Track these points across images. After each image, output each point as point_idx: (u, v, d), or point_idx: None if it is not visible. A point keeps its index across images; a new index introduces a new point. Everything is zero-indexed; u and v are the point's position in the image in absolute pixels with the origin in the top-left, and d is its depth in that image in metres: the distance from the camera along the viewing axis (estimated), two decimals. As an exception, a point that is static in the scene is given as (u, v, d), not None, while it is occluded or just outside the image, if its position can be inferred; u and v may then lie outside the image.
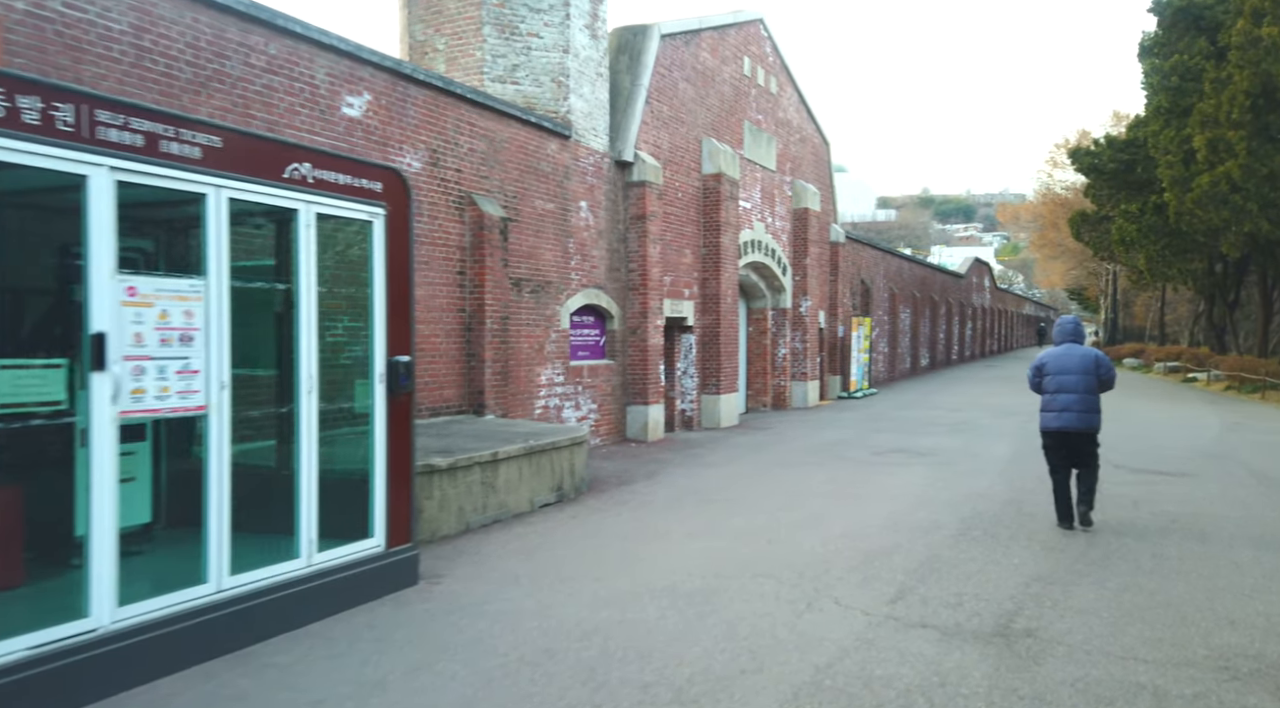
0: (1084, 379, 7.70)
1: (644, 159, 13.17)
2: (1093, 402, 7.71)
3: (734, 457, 11.99)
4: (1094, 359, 7.76)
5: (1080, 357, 7.77)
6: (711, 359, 15.72)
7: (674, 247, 14.59)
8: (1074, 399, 7.67)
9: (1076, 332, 7.95)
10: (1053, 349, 8.01)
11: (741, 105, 17.17)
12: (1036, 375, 8.02)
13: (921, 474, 10.51)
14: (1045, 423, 7.84)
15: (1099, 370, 7.74)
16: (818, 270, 21.12)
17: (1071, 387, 7.69)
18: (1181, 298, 46.59)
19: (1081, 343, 7.98)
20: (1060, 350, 7.91)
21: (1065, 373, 7.76)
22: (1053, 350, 7.98)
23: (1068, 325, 8.01)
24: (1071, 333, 7.96)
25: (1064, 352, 7.87)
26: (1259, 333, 31.47)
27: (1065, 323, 8.05)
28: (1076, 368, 7.73)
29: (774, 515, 7.93)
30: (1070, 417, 7.66)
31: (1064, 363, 7.79)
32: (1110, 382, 7.78)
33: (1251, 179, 20.15)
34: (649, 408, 13.29)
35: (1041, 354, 8.04)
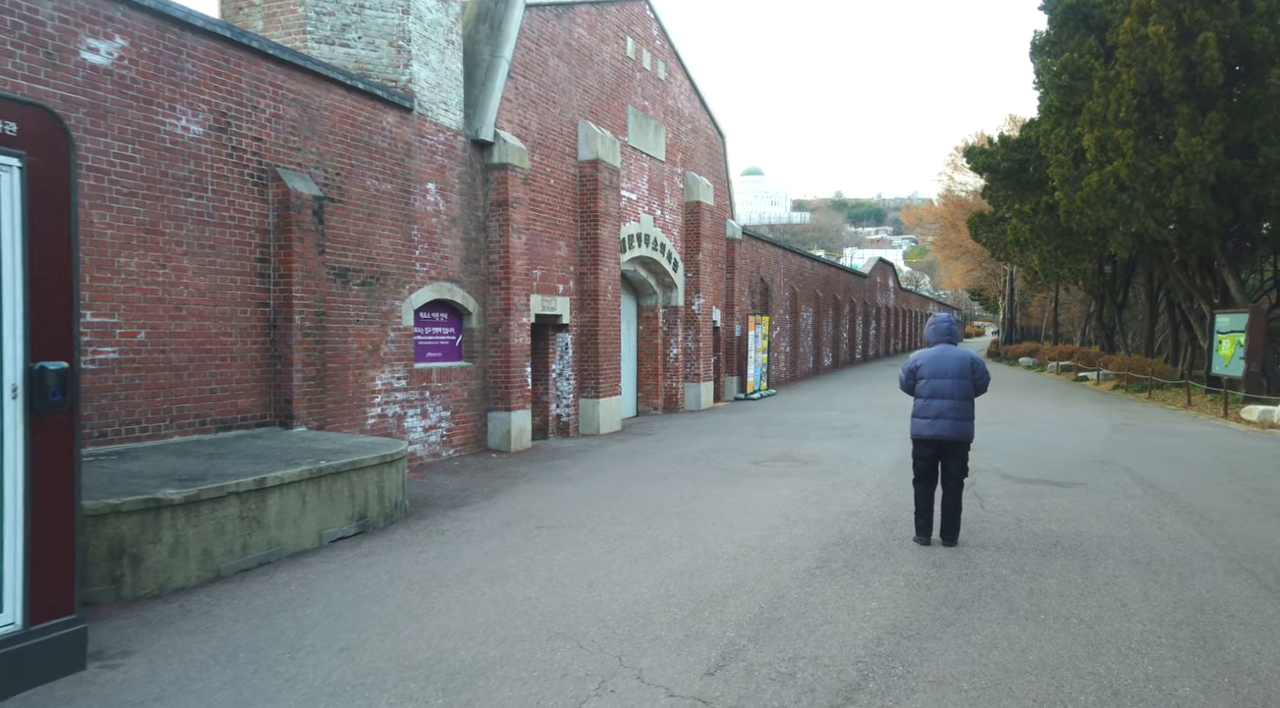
0: (959, 384, 6.86)
1: (506, 139, 11.89)
2: (967, 409, 6.90)
3: (599, 469, 10.84)
4: (969, 363, 6.94)
5: (956, 360, 6.92)
6: (590, 360, 14.55)
7: (545, 238, 13.36)
8: (949, 406, 6.84)
9: (950, 332, 7.10)
10: (927, 350, 7.15)
11: (625, 89, 16.06)
12: (910, 378, 7.15)
13: (797, 487, 9.57)
14: (917, 430, 7.00)
15: (974, 375, 6.93)
16: (712, 267, 20.21)
17: (946, 392, 6.85)
18: (1074, 298, 47.97)
19: (956, 343, 7.14)
20: (935, 352, 7.05)
21: (940, 377, 6.90)
22: (927, 352, 7.12)
23: (942, 325, 7.15)
24: (945, 333, 7.11)
25: (939, 353, 7.02)
26: (1145, 333, 32.27)
27: (939, 322, 7.18)
28: (952, 372, 6.88)
29: (611, 546, 6.80)
30: (945, 424, 6.83)
31: (939, 366, 6.94)
32: (984, 386, 7.02)
33: (1138, 179, 20.16)
34: (512, 414, 12.02)
35: (915, 355, 7.18)
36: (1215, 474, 10.68)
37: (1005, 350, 47.16)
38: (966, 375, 6.90)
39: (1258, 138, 19.61)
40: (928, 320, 7.54)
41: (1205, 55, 19.26)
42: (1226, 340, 21.09)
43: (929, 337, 7.20)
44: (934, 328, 7.16)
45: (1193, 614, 5.24)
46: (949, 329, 7.12)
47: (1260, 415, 17.42)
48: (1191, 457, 12.23)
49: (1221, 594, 5.66)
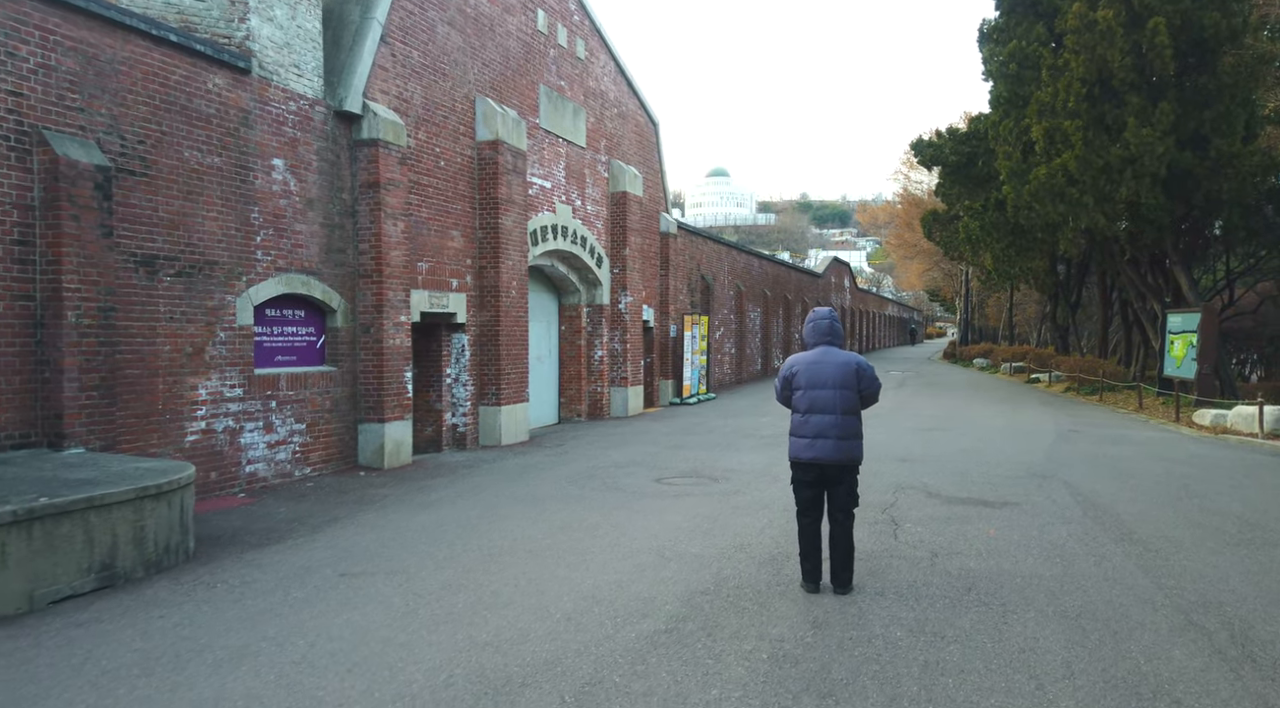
0: (842, 396, 5.62)
1: (376, 112, 10.45)
2: (853, 425, 5.68)
3: (474, 489, 9.46)
4: (854, 369, 5.70)
5: (838, 366, 5.67)
6: (491, 364, 13.15)
7: (434, 227, 11.94)
8: (830, 422, 5.60)
9: (831, 331, 5.85)
10: (804, 355, 5.89)
11: (535, 66, 14.68)
12: (784, 389, 5.89)
13: (693, 511, 8.27)
14: (795, 451, 5.75)
15: (860, 384, 5.69)
16: (641, 262, 18.90)
17: (827, 405, 5.61)
18: (1030, 298, 47.50)
19: (840, 345, 5.88)
20: (814, 357, 5.79)
21: (819, 387, 5.65)
22: (804, 357, 5.86)
23: (821, 323, 5.89)
24: (826, 332, 5.85)
25: (818, 358, 5.77)
26: (1099, 333, 31.63)
27: (819, 319, 5.92)
28: (833, 380, 5.63)
29: (420, 603, 5.43)
30: (826, 445, 5.60)
31: (818, 373, 5.69)
32: (873, 397, 5.80)
33: (1087, 172, 19.24)
34: (386, 426, 10.59)
35: (791, 360, 5.92)
36: (1164, 491, 9.59)
37: (960, 352, 46.52)
38: (850, 385, 5.65)
39: (1209, 129, 18.79)
40: (806, 317, 6.22)
41: (1155, 41, 18.38)
42: (1178, 341, 20.28)
43: (807, 337, 5.94)
44: (813, 326, 5.89)
45: (1126, 700, 4.01)
46: (830, 328, 5.86)
47: (1213, 420, 16.54)
48: (1139, 469, 11.16)
49: (1164, 664, 4.45)
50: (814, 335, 5.86)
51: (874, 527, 7.65)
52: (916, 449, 12.82)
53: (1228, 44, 18.49)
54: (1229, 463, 11.81)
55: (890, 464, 11.40)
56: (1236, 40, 18.46)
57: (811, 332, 5.89)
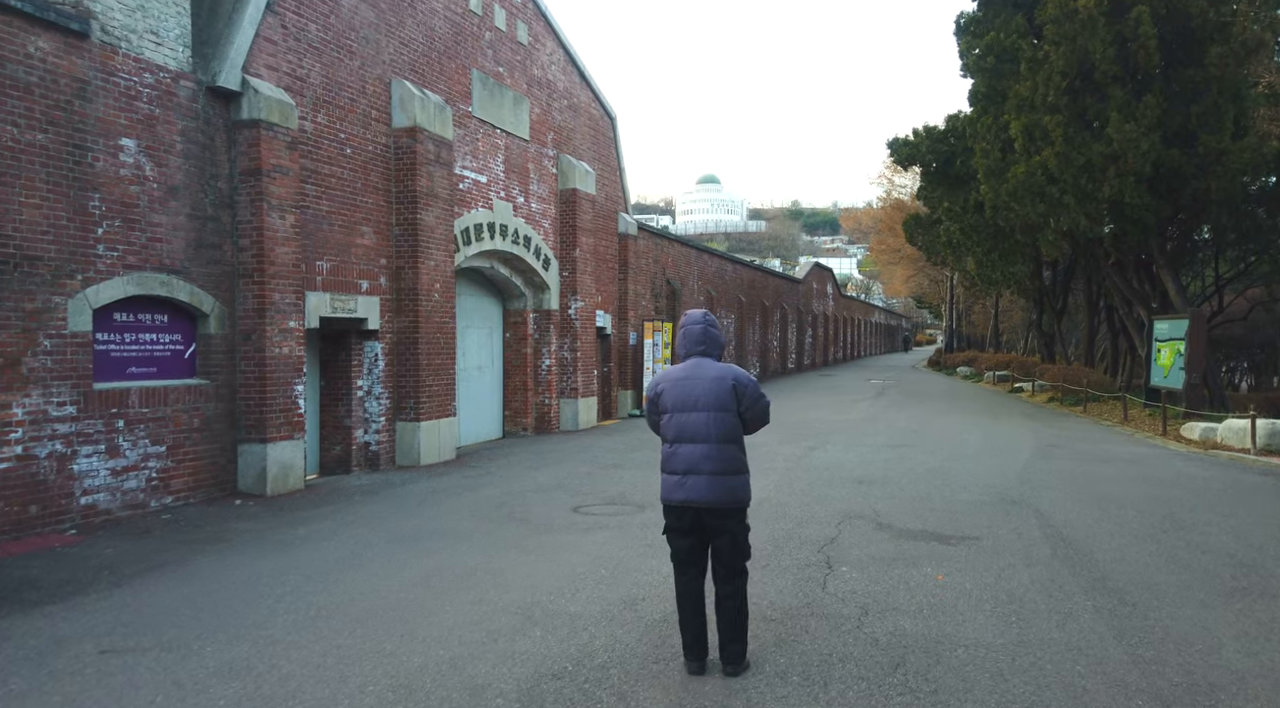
0: (717, 420, 4.42)
1: (259, 89, 9.21)
2: (733, 457, 4.47)
3: (352, 524, 8.21)
4: (730, 386, 4.49)
5: (711, 382, 4.47)
6: (409, 375, 11.90)
7: (338, 222, 10.70)
8: (703, 453, 4.41)
9: (706, 338, 4.63)
10: (673, 369, 4.67)
11: (467, 49, 13.47)
12: (652, 412, 4.70)
13: (595, 552, 7.05)
14: (666, 491, 4.53)
15: (740, 403, 4.49)
16: (594, 265, 17.69)
17: (698, 431, 4.42)
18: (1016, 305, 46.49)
19: (718, 355, 4.67)
20: (683, 371, 4.59)
21: (689, 409, 4.46)
22: (673, 371, 4.65)
23: (693, 329, 4.67)
24: (698, 340, 4.64)
25: (688, 373, 4.57)
26: (1085, 341, 30.57)
27: (691, 324, 4.69)
28: (706, 401, 4.44)
29: (177, 696, 4.18)
30: (699, 483, 4.39)
31: (687, 392, 4.50)
32: (759, 418, 4.58)
33: (1068, 169, 18.13)
34: (269, 447, 9.31)
35: (657, 377, 4.69)
36: (1147, 521, 8.40)
37: (945, 359, 45.46)
38: (727, 406, 4.45)
39: (1197, 124, 17.70)
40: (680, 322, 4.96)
41: (1139, 31, 17.32)
42: (1166, 349, 19.17)
43: (678, 348, 4.72)
44: (684, 334, 4.68)
45: None
46: (704, 335, 4.63)
47: (1202, 434, 15.41)
48: (1121, 493, 9.99)
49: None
50: (684, 345, 4.65)
51: (802, 572, 6.44)
52: (877, 470, 11.63)
53: (1216, 34, 17.43)
54: (1220, 485, 10.64)
55: (844, 487, 10.20)
56: (1224, 30, 17.40)
57: (683, 339, 4.68)
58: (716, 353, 4.65)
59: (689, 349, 4.64)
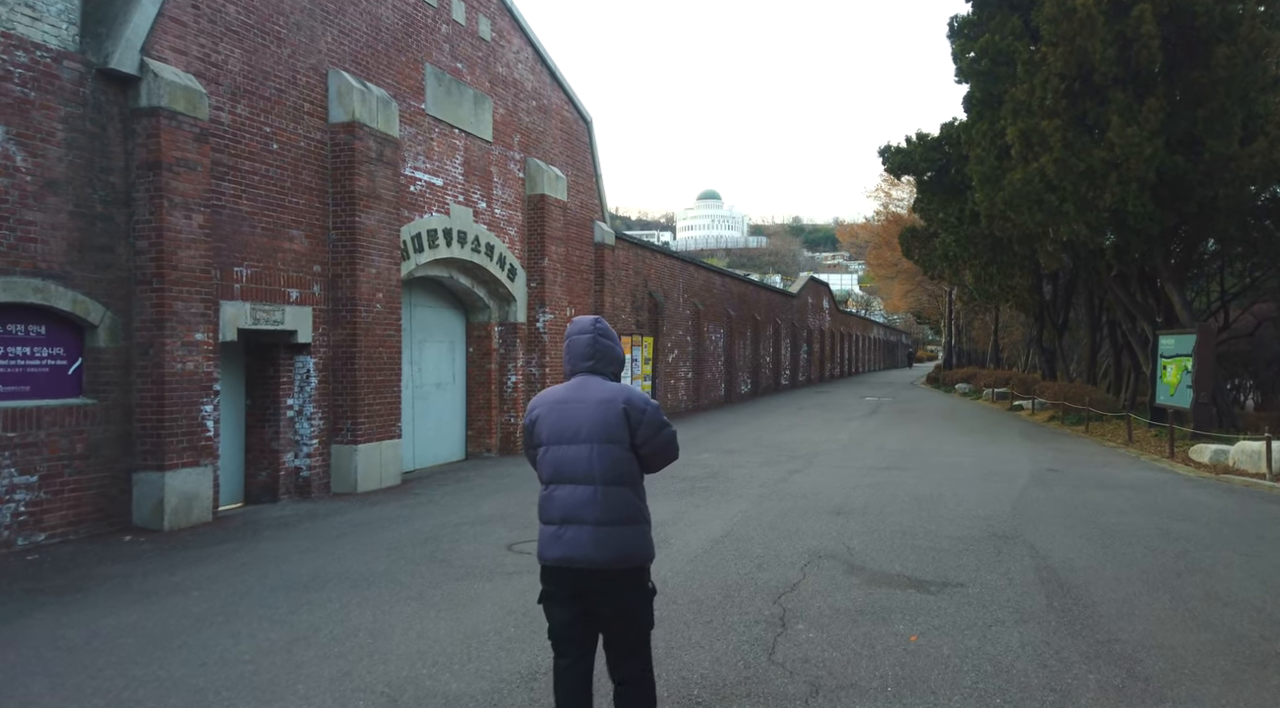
0: (603, 455, 3.42)
1: (160, 74, 8.25)
2: (625, 502, 3.45)
3: (244, 567, 7.17)
4: (620, 411, 3.48)
5: (597, 406, 3.47)
6: (346, 393, 10.87)
7: (262, 223, 9.72)
8: (585, 497, 3.41)
9: (595, 351, 3.62)
10: (552, 391, 3.66)
11: (420, 42, 12.55)
12: (528, 444, 3.68)
13: (510, 604, 6.01)
14: (540, 547, 3.51)
15: (635, 433, 3.48)
16: (565, 275, 16.71)
17: (579, 469, 3.44)
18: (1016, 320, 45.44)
19: (613, 373, 3.67)
20: (563, 392, 3.59)
21: (567, 440, 3.48)
22: (550, 393, 3.64)
23: (580, 341, 3.64)
24: (585, 353, 3.63)
25: (569, 394, 3.57)
26: (1087, 357, 29.52)
27: (577, 334, 3.67)
28: (590, 430, 3.45)
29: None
30: (580, 537, 3.39)
31: (566, 419, 3.50)
32: (661, 451, 3.57)
33: (1068, 176, 17.17)
34: (168, 476, 8.27)
35: (535, 400, 3.68)
36: (1158, 562, 7.35)
37: (944, 376, 44.38)
38: (617, 437, 3.44)
39: (1203, 129, 16.74)
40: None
41: (1141, 31, 16.40)
42: (1171, 366, 18.13)
43: (566, 361, 3.70)
44: (569, 346, 3.66)
45: None
46: (592, 347, 3.60)
47: (1212, 457, 14.33)
48: (1127, 526, 8.93)
49: None
50: (572, 357, 3.64)
51: (749, 631, 5.39)
52: (859, 497, 10.58)
53: (1222, 33, 16.51)
54: (1237, 517, 9.57)
55: (819, 519, 9.15)
56: (1232, 29, 16.48)
57: (568, 350, 3.67)
58: (610, 370, 3.63)
59: (574, 365, 3.62)
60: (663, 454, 3.57)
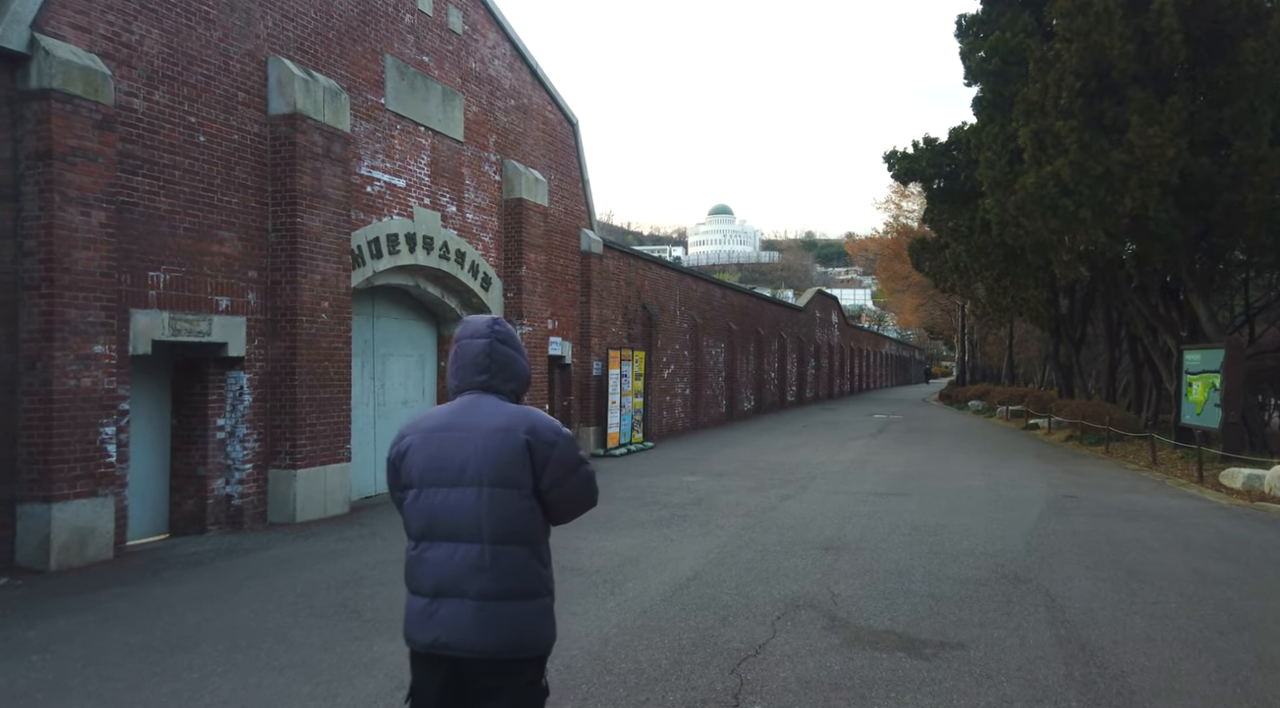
0: (494, 503, 2.47)
1: (53, 53, 7.31)
2: (521, 568, 2.49)
3: (110, 618, 6.14)
4: (522, 444, 2.48)
5: (489, 436, 2.50)
6: (284, 412, 9.86)
7: (184, 223, 8.76)
8: (467, 561, 2.46)
9: (494, 361, 2.62)
10: (429, 414, 2.62)
11: (379, 32, 11.62)
12: (395, 484, 2.65)
13: (400, 677, 4.91)
14: (408, 625, 2.48)
15: (541, 474, 2.52)
16: (546, 285, 15.69)
17: (461, 522, 2.49)
18: (1032, 335, 44.08)
19: (512, 392, 2.66)
20: (444, 416, 2.60)
21: (447, 482, 2.51)
22: (427, 417, 2.61)
23: (472, 348, 2.62)
24: (478, 364, 2.62)
25: (452, 419, 2.57)
26: (1105, 374, 28.21)
27: (469, 339, 2.64)
28: (477, 468, 2.49)
29: None
30: (458, 616, 2.42)
31: (444, 453, 2.52)
32: (573, 496, 2.60)
33: (1084, 180, 16.05)
34: (56, 508, 7.25)
35: (405, 426, 2.64)
36: (1196, 614, 6.20)
37: (956, 393, 43.05)
38: (514, 479, 2.48)
39: (1229, 129, 15.60)
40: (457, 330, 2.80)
41: (1162, 25, 15.31)
42: (1197, 383, 16.88)
43: (451, 376, 2.66)
44: (457, 352, 2.67)
45: None
46: (488, 356, 2.60)
47: (1246, 482, 13.12)
48: (1156, 566, 7.78)
49: None
50: (458, 371, 2.65)
51: (687, 718, 4.30)
52: (854, 529, 9.46)
53: (1249, 27, 15.40)
54: None
55: (804, 557, 8.04)
56: (1260, 23, 15.37)
57: (454, 362, 2.66)
58: (510, 388, 2.64)
59: (461, 379, 2.64)
60: (577, 501, 2.61)
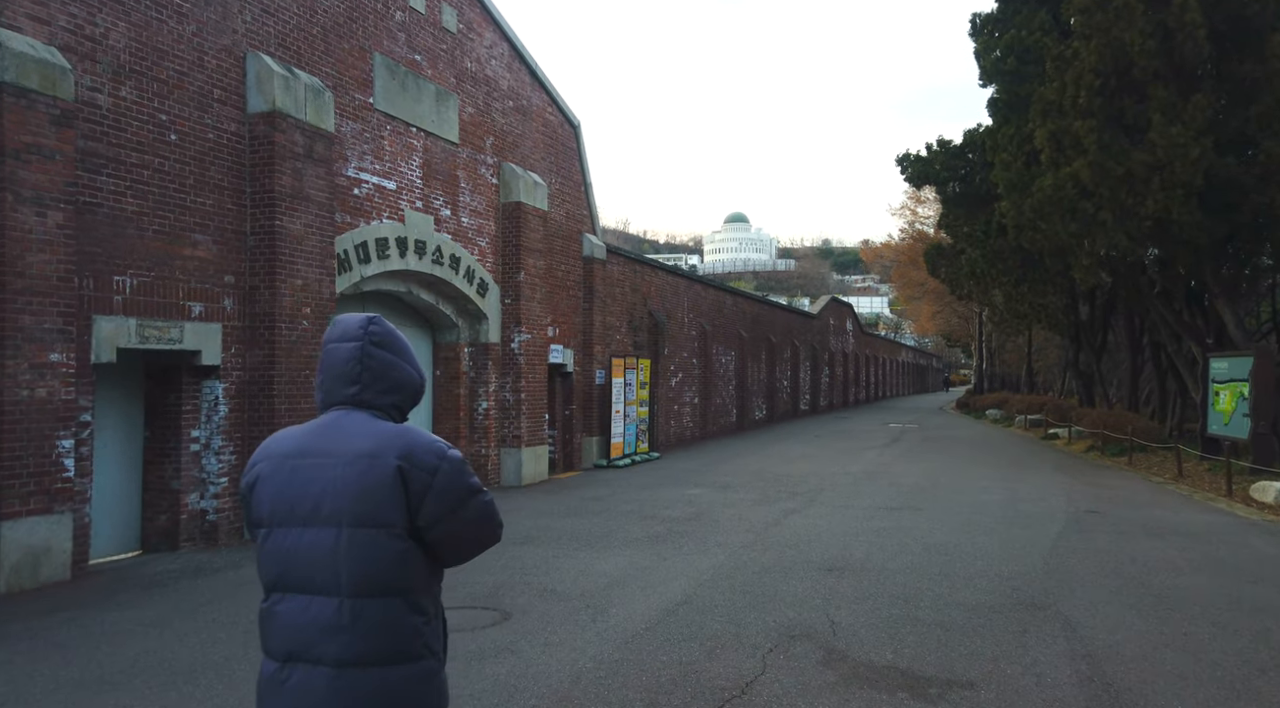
0: (357, 544, 1.91)
1: (7, 44, 6.92)
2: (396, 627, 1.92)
3: (48, 649, 5.70)
4: (393, 470, 1.94)
5: (354, 462, 1.95)
6: (261, 423, 9.43)
7: (154, 226, 8.37)
8: (324, 618, 1.88)
9: (364, 369, 2.08)
10: (288, 434, 2.11)
11: (367, 29, 11.25)
12: (249, 520, 2.09)
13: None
14: (257, 698, 1.91)
15: (420, 509, 1.97)
16: (545, 291, 15.24)
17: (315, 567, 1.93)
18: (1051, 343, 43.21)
19: (391, 406, 2.13)
20: (303, 438, 2.05)
21: (300, 520, 1.95)
22: (284, 438, 2.08)
23: (340, 353, 2.09)
24: (348, 373, 2.10)
25: (313, 441, 2.02)
26: (1128, 382, 27.41)
27: (338, 343, 2.11)
28: (335, 504, 1.93)
29: None
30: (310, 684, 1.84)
31: (300, 482, 1.96)
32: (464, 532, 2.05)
33: (1104, 181, 15.43)
34: (7, 526, 6.84)
35: (262, 449, 2.09)
36: (1233, 647, 5.61)
37: (974, 401, 42.23)
38: (384, 516, 1.94)
39: (1256, 128, 14.95)
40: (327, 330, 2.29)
41: (1185, 19, 14.71)
42: (1224, 392, 16.18)
43: (316, 389, 2.16)
44: (324, 358, 2.13)
45: None
46: (359, 362, 2.08)
47: (1278, 496, 12.44)
48: (1187, 590, 7.18)
49: None
50: (324, 382, 2.14)
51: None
52: (860, 547, 8.91)
53: (1277, 22, 14.77)
54: (1326, 581, 7.75)
55: (805, 579, 7.51)
56: (1289, 16, 14.74)
57: (321, 371, 2.15)
58: (390, 401, 2.13)
59: (328, 392, 2.13)
60: (472, 539, 2.09)
